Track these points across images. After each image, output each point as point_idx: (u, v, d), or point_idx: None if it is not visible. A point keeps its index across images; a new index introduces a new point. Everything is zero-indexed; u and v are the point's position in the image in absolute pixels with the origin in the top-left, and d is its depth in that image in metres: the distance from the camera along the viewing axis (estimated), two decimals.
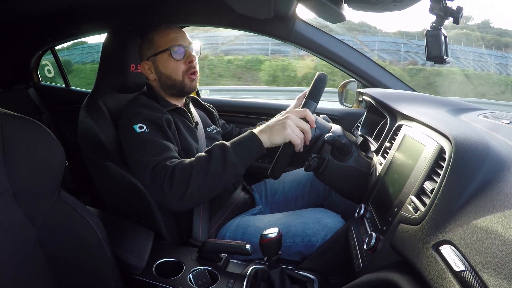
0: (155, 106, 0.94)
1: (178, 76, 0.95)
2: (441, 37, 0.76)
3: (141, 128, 0.85)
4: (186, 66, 0.95)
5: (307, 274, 0.78)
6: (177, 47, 0.94)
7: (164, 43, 0.94)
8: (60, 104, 1.86)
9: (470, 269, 0.36)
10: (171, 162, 0.80)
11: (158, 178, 0.79)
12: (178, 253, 0.85)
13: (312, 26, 1.24)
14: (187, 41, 0.96)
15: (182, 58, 0.95)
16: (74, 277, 0.64)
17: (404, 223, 0.54)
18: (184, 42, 0.95)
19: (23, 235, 0.57)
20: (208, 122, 1.12)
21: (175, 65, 0.95)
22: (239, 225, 0.95)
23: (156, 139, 0.85)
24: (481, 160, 0.47)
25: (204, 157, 0.79)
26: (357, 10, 0.83)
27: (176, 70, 0.95)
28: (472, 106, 0.89)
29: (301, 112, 0.79)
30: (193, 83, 0.97)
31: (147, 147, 0.83)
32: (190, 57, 0.95)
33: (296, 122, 0.77)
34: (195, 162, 0.78)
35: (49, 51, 1.83)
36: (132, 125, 0.86)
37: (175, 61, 0.94)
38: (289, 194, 1.13)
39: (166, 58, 0.94)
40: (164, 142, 0.85)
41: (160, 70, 0.96)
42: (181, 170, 0.77)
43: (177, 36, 0.95)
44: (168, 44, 0.94)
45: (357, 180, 0.87)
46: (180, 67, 0.95)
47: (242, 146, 0.79)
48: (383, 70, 1.26)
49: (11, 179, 0.55)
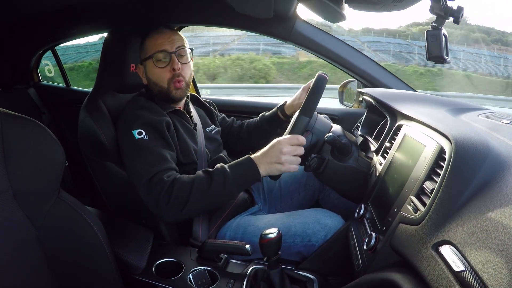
0: (155, 108, 0.93)
1: (163, 83, 0.93)
2: (441, 37, 0.76)
3: (140, 134, 0.85)
4: (170, 73, 0.92)
5: (307, 274, 0.78)
6: (162, 54, 0.91)
7: (150, 49, 0.93)
8: (60, 104, 1.86)
9: (470, 269, 0.36)
10: (169, 176, 0.81)
11: (154, 191, 0.79)
12: (178, 253, 0.85)
13: (312, 26, 1.24)
14: (174, 47, 0.92)
15: (165, 66, 0.92)
16: (74, 277, 0.64)
17: (404, 223, 0.54)
18: (171, 48, 0.92)
19: (23, 235, 0.57)
20: (208, 122, 1.12)
21: (159, 72, 0.92)
22: (239, 225, 0.95)
23: (154, 147, 0.84)
24: (481, 160, 0.47)
25: (205, 178, 0.81)
26: (358, 10, 0.83)
27: (161, 77, 0.93)
28: (472, 106, 0.89)
29: (293, 140, 0.81)
30: (178, 92, 0.94)
31: (144, 155, 0.83)
32: (174, 65, 0.91)
33: (290, 152, 0.80)
34: (196, 182, 0.80)
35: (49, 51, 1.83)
36: (131, 130, 0.86)
37: (158, 68, 0.92)
38: (285, 190, 1.14)
39: (151, 64, 0.93)
40: (162, 152, 0.85)
41: (148, 76, 0.96)
42: (180, 188, 0.79)
43: (164, 42, 0.92)
44: (153, 50, 0.92)
45: (357, 180, 0.87)
46: (165, 74, 0.92)
47: (242, 175, 0.82)
48: (384, 70, 1.26)
49: (11, 179, 0.55)
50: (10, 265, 0.55)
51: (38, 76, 1.91)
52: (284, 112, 1.12)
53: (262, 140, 1.16)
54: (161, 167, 0.82)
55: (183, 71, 0.94)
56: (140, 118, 0.88)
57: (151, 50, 0.92)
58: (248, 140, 1.20)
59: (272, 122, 1.15)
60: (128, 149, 0.86)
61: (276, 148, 0.81)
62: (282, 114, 1.12)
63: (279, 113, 1.13)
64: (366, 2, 0.74)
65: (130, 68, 1.03)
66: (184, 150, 0.94)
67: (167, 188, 0.79)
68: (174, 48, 0.92)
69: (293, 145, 0.81)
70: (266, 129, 1.17)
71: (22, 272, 0.57)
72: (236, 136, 1.22)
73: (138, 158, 0.83)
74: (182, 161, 0.93)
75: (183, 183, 0.80)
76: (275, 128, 1.16)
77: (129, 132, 0.86)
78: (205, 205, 0.84)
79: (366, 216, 0.73)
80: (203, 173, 0.82)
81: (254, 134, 1.19)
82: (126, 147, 0.87)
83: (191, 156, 0.95)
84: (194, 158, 0.95)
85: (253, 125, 1.20)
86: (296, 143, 0.81)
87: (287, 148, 0.80)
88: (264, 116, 1.18)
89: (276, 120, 1.14)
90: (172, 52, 0.92)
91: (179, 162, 0.92)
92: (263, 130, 1.17)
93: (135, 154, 0.84)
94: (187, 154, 0.94)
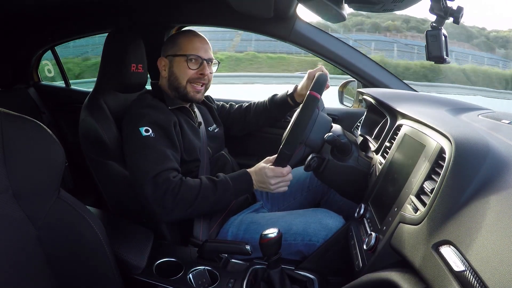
0: (162, 107, 0.95)
1: (184, 81, 0.97)
2: (441, 37, 0.76)
3: (147, 131, 0.87)
4: (196, 76, 0.97)
5: (307, 274, 0.78)
6: (196, 57, 0.96)
7: (186, 48, 0.97)
8: (60, 104, 1.86)
9: (470, 269, 0.36)
10: (174, 177, 0.84)
11: (159, 189, 0.81)
12: (178, 253, 0.85)
13: (312, 26, 1.24)
14: (207, 55, 0.99)
15: (196, 68, 0.97)
16: (74, 276, 0.64)
17: (404, 223, 0.54)
18: (205, 56, 0.98)
19: (23, 235, 0.57)
20: (210, 120, 1.13)
21: (187, 71, 0.97)
22: (242, 221, 0.96)
23: (159, 146, 0.86)
24: (481, 160, 0.47)
25: (210, 186, 0.86)
26: (358, 10, 0.83)
27: (185, 75, 0.97)
28: (472, 106, 0.89)
29: (277, 173, 0.87)
30: (196, 94, 0.99)
31: (149, 152, 0.84)
32: (203, 70, 0.97)
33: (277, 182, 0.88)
34: (202, 188, 0.85)
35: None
36: (138, 127, 0.87)
37: (189, 69, 0.97)
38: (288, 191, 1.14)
39: (182, 62, 0.97)
40: (167, 151, 0.87)
41: (173, 70, 0.98)
42: (187, 190, 0.83)
43: (201, 47, 0.98)
44: (190, 50, 0.96)
45: (357, 180, 0.87)
46: (191, 74, 0.97)
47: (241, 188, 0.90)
48: (383, 70, 1.26)
49: (11, 179, 0.55)
50: (10, 265, 0.55)
51: (38, 76, 1.91)
52: (293, 98, 1.12)
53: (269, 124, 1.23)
54: (166, 166, 0.84)
55: (208, 78, 1.00)
56: (147, 116, 0.89)
57: (188, 50, 0.96)
58: (256, 124, 1.22)
59: (281, 108, 1.16)
60: (134, 146, 0.87)
61: (264, 175, 0.88)
62: (292, 100, 1.12)
63: (289, 99, 1.13)
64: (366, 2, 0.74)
65: (131, 68, 1.03)
66: (189, 148, 0.95)
67: (173, 187, 0.81)
68: (207, 56, 0.99)
69: (278, 176, 0.87)
70: (275, 115, 1.19)
71: (22, 271, 0.57)
72: (241, 120, 1.22)
73: (144, 156, 0.84)
74: (186, 159, 0.94)
75: (190, 186, 0.84)
76: (284, 114, 1.19)
77: (136, 129, 0.87)
78: (206, 210, 0.89)
79: (366, 216, 0.74)
80: (208, 181, 0.87)
81: (262, 117, 1.20)
82: (132, 144, 0.88)
83: (195, 154, 0.96)
84: (197, 156, 0.97)
85: (261, 108, 1.20)
86: (281, 175, 0.87)
87: (274, 180, 0.87)
88: (274, 100, 1.18)
89: (285, 106, 1.15)
90: (205, 59, 0.98)
91: (183, 160, 0.93)
92: (272, 115, 1.19)
93: (141, 151, 0.85)
94: (191, 152, 0.95)
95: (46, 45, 1.74)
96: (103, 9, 1.25)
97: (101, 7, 1.22)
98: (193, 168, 0.96)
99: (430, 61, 0.81)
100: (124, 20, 1.33)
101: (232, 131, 1.23)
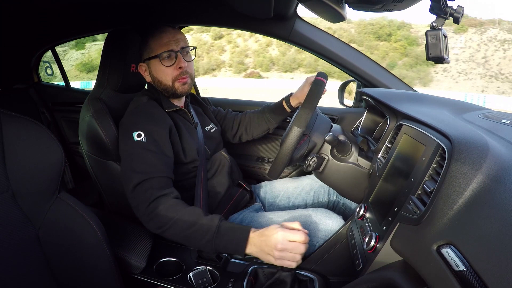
0: (158, 110, 0.93)
1: (168, 81, 0.95)
2: (441, 37, 0.76)
3: (139, 136, 0.85)
4: (176, 71, 0.94)
5: (307, 274, 0.78)
6: (168, 53, 0.93)
7: (156, 48, 0.93)
8: (60, 104, 1.86)
9: (470, 269, 0.36)
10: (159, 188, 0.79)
11: (137, 197, 0.79)
12: (178, 252, 0.85)
13: (312, 26, 1.24)
14: (179, 45, 0.94)
15: (172, 64, 0.94)
16: (74, 276, 0.64)
17: (404, 223, 0.54)
18: (176, 47, 0.93)
19: (23, 234, 0.57)
20: (207, 120, 1.13)
21: (165, 71, 0.94)
22: (242, 221, 0.97)
23: (148, 153, 0.83)
24: (481, 160, 0.47)
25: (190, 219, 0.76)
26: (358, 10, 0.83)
27: (166, 75, 0.94)
28: (473, 106, 0.89)
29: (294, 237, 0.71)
30: (184, 86, 0.96)
31: (136, 158, 0.82)
32: (180, 63, 0.94)
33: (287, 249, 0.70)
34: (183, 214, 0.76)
35: None
36: (132, 132, 0.86)
37: (164, 66, 0.93)
38: (292, 200, 1.14)
39: (157, 63, 0.94)
40: (157, 158, 0.83)
41: (154, 74, 0.96)
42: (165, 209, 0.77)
43: (170, 41, 0.93)
44: (159, 49, 0.93)
45: (357, 180, 0.87)
46: (170, 72, 0.94)
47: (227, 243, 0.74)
48: (383, 70, 1.26)
49: (11, 179, 0.55)
50: (10, 265, 0.55)
51: (38, 76, 1.91)
52: (289, 103, 1.11)
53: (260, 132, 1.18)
54: (151, 175, 0.81)
55: (188, 68, 0.96)
56: (142, 120, 0.88)
57: (157, 50, 0.93)
58: (247, 135, 1.20)
59: (276, 112, 1.14)
60: (124, 149, 0.86)
61: (273, 238, 0.70)
62: (288, 105, 1.11)
63: (284, 104, 1.11)
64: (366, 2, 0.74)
65: (131, 68, 1.03)
66: (187, 149, 0.94)
67: (153, 201, 0.77)
68: (179, 47, 0.94)
69: (292, 241, 0.70)
70: (269, 120, 1.15)
71: (22, 271, 0.57)
72: (234, 129, 1.21)
73: (130, 160, 0.83)
74: (184, 160, 0.93)
75: (170, 207, 0.77)
76: (277, 121, 1.16)
77: (129, 134, 0.86)
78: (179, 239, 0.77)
79: (366, 215, 0.74)
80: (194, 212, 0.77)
81: (253, 124, 1.18)
82: (123, 147, 0.87)
83: (193, 154, 0.95)
84: (195, 156, 0.96)
85: (255, 119, 1.18)
86: (298, 240, 0.70)
87: (283, 245, 0.69)
88: (268, 106, 1.16)
89: (280, 110, 1.13)
90: (178, 51, 0.94)
91: (181, 161, 0.92)
92: (265, 120, 1.16)
93: (129, 156, 0.84)
94: (189, 153, 0.95)
95: (46, 45, 1.74)
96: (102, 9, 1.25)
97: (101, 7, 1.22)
98: (191, 168, 0.96)
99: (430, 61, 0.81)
100: (124, 20, 1.33)
101: (225, 138, 1.21)
